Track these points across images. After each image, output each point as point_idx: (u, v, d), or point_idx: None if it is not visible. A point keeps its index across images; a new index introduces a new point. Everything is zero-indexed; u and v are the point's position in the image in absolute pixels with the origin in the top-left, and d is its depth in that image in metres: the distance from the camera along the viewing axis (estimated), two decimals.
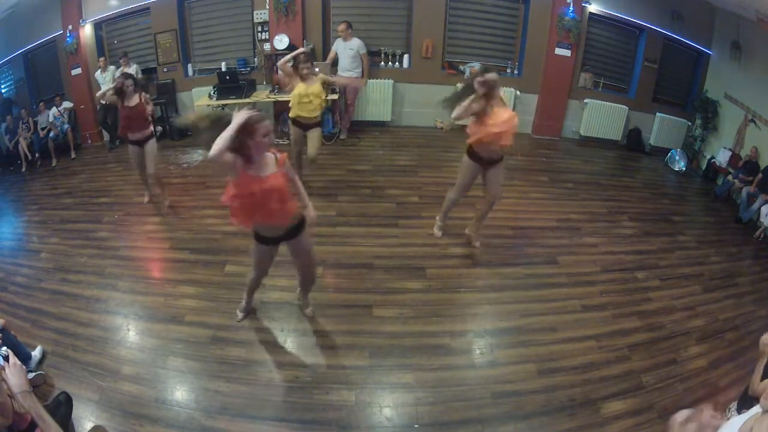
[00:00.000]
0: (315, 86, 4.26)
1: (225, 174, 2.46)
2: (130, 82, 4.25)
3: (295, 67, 4.27)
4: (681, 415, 1.59)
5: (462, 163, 3.72)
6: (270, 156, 2.48)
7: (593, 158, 6.41)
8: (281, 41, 6.24)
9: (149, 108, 4.41)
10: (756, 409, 1.70)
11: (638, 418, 2.64)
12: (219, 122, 2.32)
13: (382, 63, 6.66)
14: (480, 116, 3.34)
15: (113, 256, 4.11)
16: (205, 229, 4.35)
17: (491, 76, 3.24)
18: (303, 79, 4.22)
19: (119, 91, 4.21)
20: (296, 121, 4.46)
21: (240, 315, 3.29)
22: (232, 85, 6.29)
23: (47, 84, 7.14)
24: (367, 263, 3.85)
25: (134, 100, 4.27)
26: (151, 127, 4.55)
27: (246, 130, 2.27)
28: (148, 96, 4.52)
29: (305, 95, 4.22)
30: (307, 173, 4.81)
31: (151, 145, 4.49)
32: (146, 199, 4.94)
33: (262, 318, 3.34)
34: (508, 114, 3.36)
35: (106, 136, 6.93)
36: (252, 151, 2.36)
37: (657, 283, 3.87)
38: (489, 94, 3.27)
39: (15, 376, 1.87)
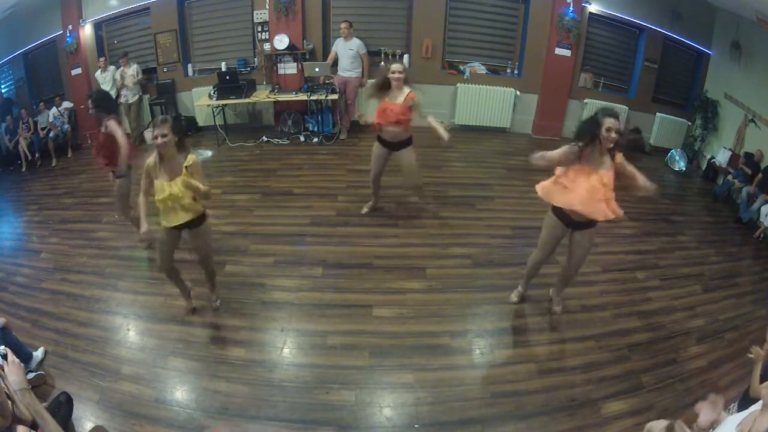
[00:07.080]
0: (176, 183, 2.72)
1: None
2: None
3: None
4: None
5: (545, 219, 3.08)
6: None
7: None
8: (281, 41, 6.26)
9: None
10: (756, 407, 1.71)
11: (638, 418, 2.64)
12: None
13: (382, 63, 6.66)
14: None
15: (113, 256, 4.11)
16: None
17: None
18: (162, 159, 2.74)
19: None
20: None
21: None
22: (232, 85, 6.29)
23: (47, 84, 7.15)
24: (367, 263, 3.85)
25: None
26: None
27: None
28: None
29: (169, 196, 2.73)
30: None
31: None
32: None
33: (262, 318, 3.34)
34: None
35: None
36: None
37: (657, 283, 3.87)
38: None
39: (13, 374, 1.88)
